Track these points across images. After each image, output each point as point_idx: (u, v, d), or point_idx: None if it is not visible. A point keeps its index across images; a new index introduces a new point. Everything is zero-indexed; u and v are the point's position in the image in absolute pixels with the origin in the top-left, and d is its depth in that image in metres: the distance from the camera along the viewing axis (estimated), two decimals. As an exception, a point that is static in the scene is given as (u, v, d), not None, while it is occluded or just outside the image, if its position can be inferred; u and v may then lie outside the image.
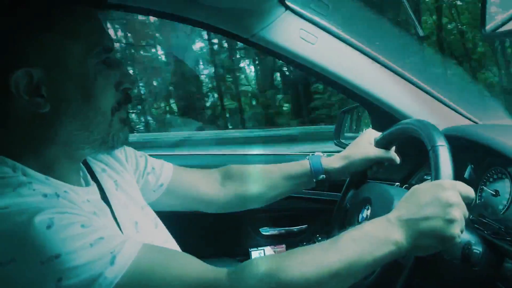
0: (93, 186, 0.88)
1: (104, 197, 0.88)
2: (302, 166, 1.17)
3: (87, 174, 0.90)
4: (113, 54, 0.84)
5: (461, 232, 0.76)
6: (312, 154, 1.18)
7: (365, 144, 1.15)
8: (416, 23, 1.80)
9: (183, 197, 1.14)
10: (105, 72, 0.80)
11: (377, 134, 1.16)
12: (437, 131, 0.89)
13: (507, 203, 1.03)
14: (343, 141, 1.62)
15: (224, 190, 1.17)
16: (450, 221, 0.75)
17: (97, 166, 0.95)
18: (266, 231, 1.59)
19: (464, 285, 0.90)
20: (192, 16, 1.23)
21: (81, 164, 0.90)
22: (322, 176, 1.15)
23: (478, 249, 0.88)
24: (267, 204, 1.21)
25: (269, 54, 1.31)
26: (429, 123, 0.93)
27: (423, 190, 0.79)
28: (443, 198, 0.76)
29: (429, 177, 1.04)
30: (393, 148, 1.15)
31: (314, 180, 1.15)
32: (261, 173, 1.19)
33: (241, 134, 6.82)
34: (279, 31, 1.26)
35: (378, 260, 0.74)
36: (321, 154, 1.18)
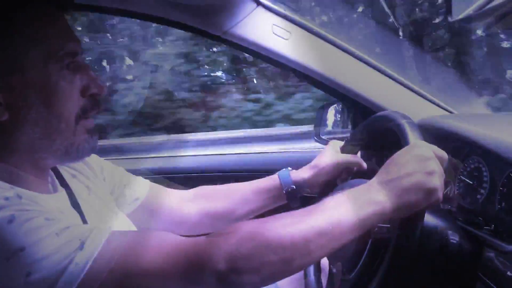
0: (62, 192, 0.85)
1: (75, 204, 0.85)
2: (271, 180, 1.17)
3: (55, 180, 0.88)
4: (80, 57, 0.80)
5: (441, 185, 0.76)
6: (282, 169, 1.18)
7: (331, 152, 1.15)
8: (391, 14, 1.81)
9: (156, 214, 1.12)
10: (69, 77, 0.77)
11: (342, 143, 1.17)
12: (397, 114, 0.90)
13: (484, 192, 1.03)
14: (323, 137, 1.60)
15: (195, 208, 1.16)
16: (430, 173, 0.75)
17: (66, 172, 0.92)
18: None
19: (445, 276, 0.90)
20: (161, 14, 1.21)
21: (50, 170, 0.87)
22: (292, 186, 1.14)
23: (455, 239, 0.87)
24: (239, 221, 1.20)
25: (242, 51, 1.30)
26: (388, 112, 0.94)
27: (398, 155, 0.79)
28: (419, 154, 0.77)
29: None
30: (359, 153, 1.15)
31: (284, 192, 1.14)
32: (231, 189, 1.19)
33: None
34: (252, 27, 1.24)
35: (363, 220, 0.73)
36: (289, 168, 1.18)
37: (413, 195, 0.74)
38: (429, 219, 0.88)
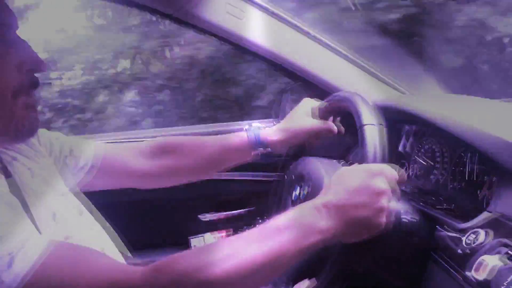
0: (1, 178, 0.79)
1: (15, 190, 0.80)
2: (239, 138, 1.11)
3: None
4: (14, 31, 0.76)
5: (387, 220, 0.74)
6: (249, 126, 1.13)
7: (303, 115, 1.11)
8: (347, -4, 1.81)
9: (110, 176, 1.06)
10: (2, 49, 0.72)
11: (315, 104, 1.12)
12: (367, 107, 0.86)
13: (438, 172, 1.05)
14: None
15: (156, 164, 1.10)
16: (378, 210, 0.73)
17: (6, 156, 0.85)
18: (205, 217, 1.54)
19: (399, 256, 0.90)
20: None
21: None
22: (260, 149, 1.10)
23: (407, 218, 0.88)
24: (203, 177, 1.16)
25: (195, 30, 1.25)
26: (360, 98, 0.90)
27: (352, 175, 0.76)
28: (372, 185, 0.73)
29: None
30: (331, 118, 1.12)
31: (252, 153, 1.11)
32: (195, 145, 1.13)
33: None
34: (205, 6, 1.19)
35: (303, 250, 0.71)
36: (260, 125, 1.14)
37: (355, 228, 0.73)
38: None
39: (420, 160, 1.12)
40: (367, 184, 0.73)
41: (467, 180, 0.96)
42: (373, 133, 0.81)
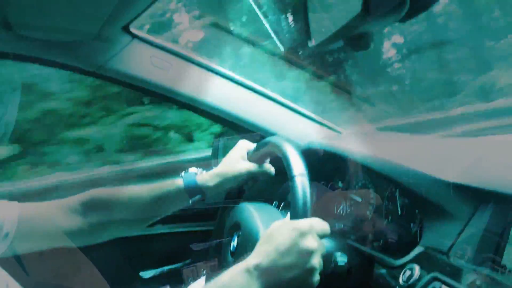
0: None
1: None
2: (176, 185, 1.07)
3: None
4: None
5: (319, 277, 0.74)
6: (185, 172, 1.10)
7: (238, 159, 1.09)
8: (276, 40, 1.85)
9: (39, 238, 1.00)
10: None
11: (251, 146, 1.11)
12: (295, 157, 0.85)
13: (372, 209, 1.06)
14: (221, 166, 1.58)
15: (87, 220, 1.04)
16: (310, 270, 0.73)
17: None
18: (148, 274, 1.47)
19: None
20: (21, 51, 1.09)
21: None
22: (198, 196, 1.07)
23: (344, 260, 0.87)
24: (140, 229, 1.11)
25: (121, 85, 1.22)
26: (290, 146, 0.88)
27: (282, 234, 0.75)
28: (303, 246, 0.73)
29: None
30: (268, 160, 1.11)
31: (190, 201, 1.07)
32: (129, 197, 1.08)
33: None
34: (129, 60, 1.18)
35: None
36: (196, 170, 1.10)
37: None
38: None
39: (355, 198, 1.12)
40: (297, 244, 0.73)
41: (399, 215, 0.97)
42: (304, 185, 0.80)
